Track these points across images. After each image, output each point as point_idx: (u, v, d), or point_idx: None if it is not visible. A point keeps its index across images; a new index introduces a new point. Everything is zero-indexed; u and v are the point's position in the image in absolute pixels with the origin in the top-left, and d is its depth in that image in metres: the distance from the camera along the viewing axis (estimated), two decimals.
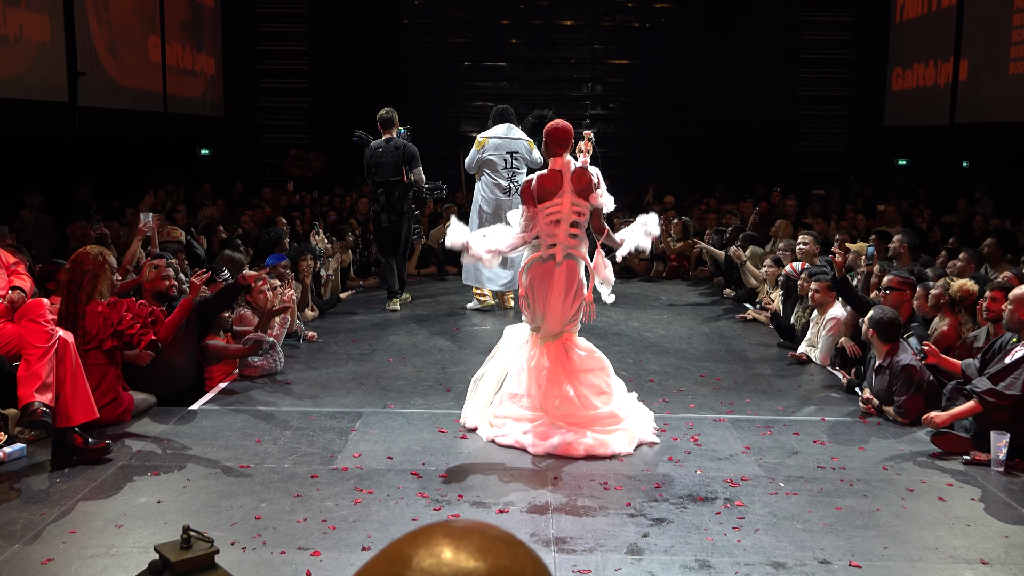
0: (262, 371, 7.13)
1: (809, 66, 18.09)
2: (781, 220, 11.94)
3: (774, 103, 17.92)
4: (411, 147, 9.98)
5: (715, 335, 9.01)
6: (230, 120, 17.16)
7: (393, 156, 9.94)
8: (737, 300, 10.60)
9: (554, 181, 5.78)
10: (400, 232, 10.15)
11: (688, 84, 17.95)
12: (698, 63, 17.82)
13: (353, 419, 6.12)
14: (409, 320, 9.53)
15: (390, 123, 10.10)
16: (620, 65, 18.47)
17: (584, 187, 5.79)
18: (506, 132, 10.27)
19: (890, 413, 6.24)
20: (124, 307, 5.88)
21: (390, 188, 9.98)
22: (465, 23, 18.24)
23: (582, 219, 5.82)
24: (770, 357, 8.10)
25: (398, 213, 10.05)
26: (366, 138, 10.31)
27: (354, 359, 7.83)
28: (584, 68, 18.41)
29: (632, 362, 7.81)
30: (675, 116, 18.24)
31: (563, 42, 18.36)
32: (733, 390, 7.02)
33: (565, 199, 5.77)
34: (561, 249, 5.79)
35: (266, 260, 8.69)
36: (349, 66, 17.85)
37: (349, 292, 9.79)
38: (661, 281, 12.36)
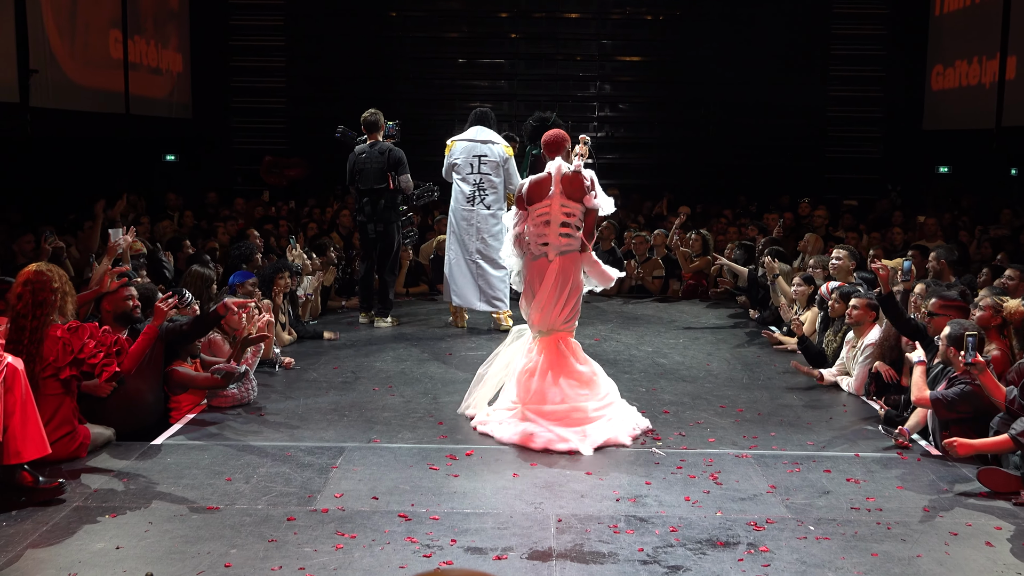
0: (233, 401, 7.12)
1: (840, 63, 18.17)
2: (810, 233, 11.96)
3: (801, 104, 18.00)
4: (397, 152, 10.05)
5: (737, 361, 9.01)
6: (199, 123, 17.20)
7: (378, 162, 10.00)
8: (762, 322, 10.60)
9: (544, 184, 6.81)
10: (389, 244, 10.21)
11: (706, 84, 18.03)
12: (717, 60, 17.90)
13: (334, 455, 6.11)
14: (397, 344, 9.53)
15: (375, 126, 10.15)
16: (631, 62, 18.55)
17: (574, 189, 6.74)
18: (476, 135, 10.35)
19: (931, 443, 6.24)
20: (87, 333, 5.86)
21: (375, 196, 10.04)
22: (460, 16, 18.33)
23: (572, 220, 6.78)
24: (798, 386, 8.09)
25: (385, 223, 10.11)
26: (350, 135, 10.36)
27: (336, 388, 7.82)
28: (591, 66, 18.49)
29: (645, 391, 7.80)
30: (691, 119, 18.31)
31: (568, 37, 18.44)
32: (757, 422, 7.01)
33: (554, 201, 6.75)
34: (553, 248, 6.77)
35: (230, 278, 8.69)
36: (332, 64, 17.93)
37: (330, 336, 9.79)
38: (677, 301, 12.36)
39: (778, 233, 12.18)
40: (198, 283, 8.22)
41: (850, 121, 18.26)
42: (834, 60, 18.14)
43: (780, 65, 17.78)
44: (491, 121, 10.52)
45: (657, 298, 12.51)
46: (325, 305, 11.06)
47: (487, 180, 10.20)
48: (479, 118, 10.49)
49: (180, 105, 16.66)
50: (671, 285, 12.74)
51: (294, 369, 8.38)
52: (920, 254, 9.64)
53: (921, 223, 12.65)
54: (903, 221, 13.38)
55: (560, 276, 6.75)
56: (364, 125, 10.21)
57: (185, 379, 6.90)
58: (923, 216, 13.17)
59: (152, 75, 15.39)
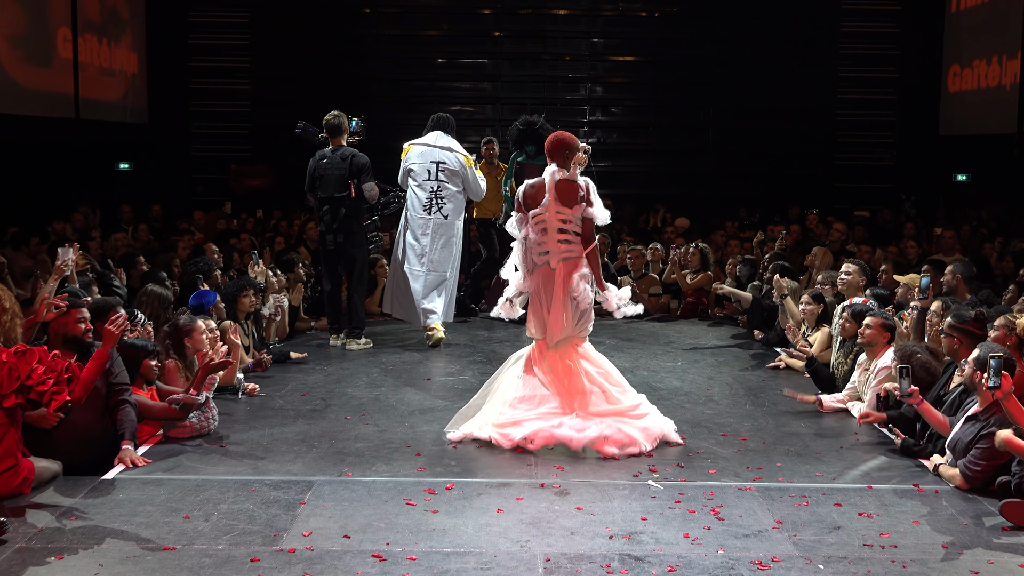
0: (192, 432, 7.09)
1: (850, 63, 18.30)
2: (819, 247, 12.00)
3: (808, 108, 18.10)
4: (361, 158, 10.12)
5: (740, 386, 9.02)
6: (155, 128, 17.20)
7: (339, 168, 10.06)
8: (767, 344, 10.62)
9: (539, 190, 7.28)
10: (352, 257, 10.26)
11: (705, 85, 18.13)
12: (717, 60, 18.01)
13: (302, 490, 6.08)
14: (371, 369, 9.51)
15: (338, 130, 10.21)
16: (624, 62, 18.64)
17: (569, 197, 7.19)
18: (435, 140, 10.52)
19: (947, 474, 6.25)
20: (35, 358, 5.82)
21: (335, 205, 10.11)
22: (439, 12, 18.39)
23: (569, 226, 7.21)
24: (806, 412, 8.10)
25: (345, 233, 10.15)
26: (312, 131, 10.38)
27: (304, 417, 7.79)
28: (581, 66, 18.57)
29: None
30: (690, 123, 18.40)
31: (556, 35, 18.52)
32: (762, 452, 7.02)
33: (549, 208, 7.20)
34: (554, 255, 7.25)
35: (190, 299, 8.66)
36: (299, 64, 17.95)
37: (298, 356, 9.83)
38: (675, 321, 12.38)
39: (780, 246, 12.21)
40: (154, 304, 8.20)
41: (860, 126, 18.37)
42: (843, 60, 18.26)
43: (785, 65, 17.89)
44: (450, 127, 10.68)
45: (654, 317, 12.53)
46: (293, 326, 11.03)
47: (444, 188, 10.37)
48: (438, 123, 10.67)
49: (135, 109, 16.66)
50: (669, 303, 12.76)
51: (259, 396, 8.35)
52: (936, 269, 9.66)
53: (937, 235, 12.71)
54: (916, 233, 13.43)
55: (567, 282, 7.23)
56: (326, 128, 10.25)
57: (140, 408, 6.86)
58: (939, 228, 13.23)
59: (104, 76, 15.39)
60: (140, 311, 7.80)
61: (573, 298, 7.22)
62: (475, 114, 18.49)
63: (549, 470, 6.53)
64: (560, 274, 7.24)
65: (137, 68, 16.68)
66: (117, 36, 15.81)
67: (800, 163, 18.09)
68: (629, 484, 6.29)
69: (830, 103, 18.28)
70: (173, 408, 6.90)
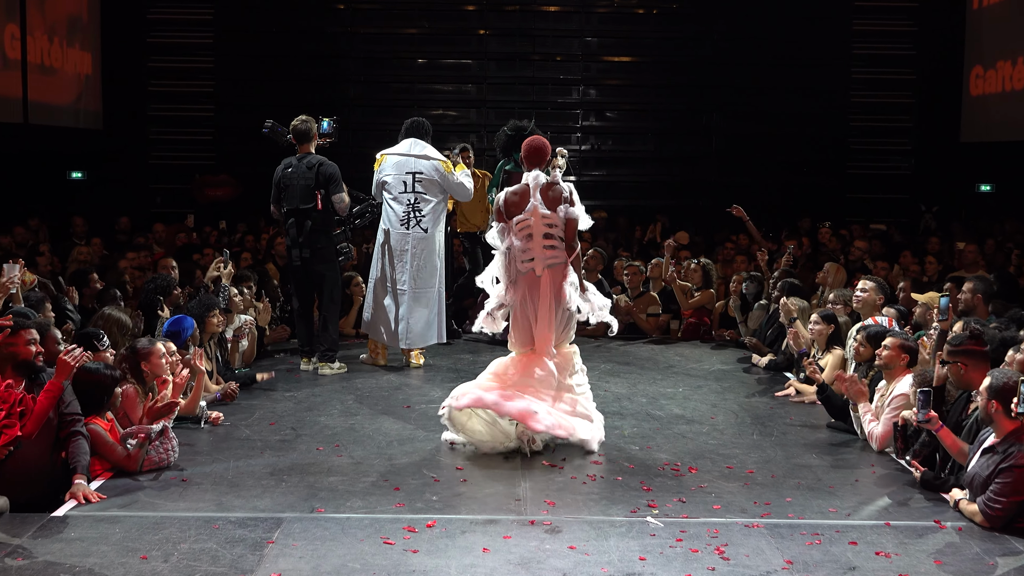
0: (150, 464, 7.07)
1: (864, 65, 18.38)
2: (831, 263, 12.04)
3: (819, 112, 18.17)
4: (329, 167, 10.13)
5: (746, 413, 9.04)
6: (111, 134, 17.18)
7: (306, 178, 10.09)
8: (774, 368, 10.64)
9: (522, 195, 7.77)
10: (320, 275, 10.29)
11: (708, 88, 18.19)
12: (721, 61, 18.07)
13: (271, 527, 6.07)
14: (345, 396, 9.50)
15: (306, 136, 10.24)
16: (619, 63, 18.70)
17: (552, 200, 7.70)
18: (409, 148, 10.54)
19: (967, 510, 6.26)
20: None
21: (301, 217, 10.13)
22: (419, 8, 18.42)
23: (555, 231, 7.71)
24: (818, 443, 8.12)
25: (312, 248, 10.15)
26: (280, 131, 10.38)
27: (272, 448, 7.78)
28: (574, 67, 18.63)
29: (638, 449, 7.81)
30: (691, 129, 18.46)
31: (546, 34, 18.58)
32: (770, 486, 7.02)
33: (534, 213, 7.69)
34: (539, 261, 7.70)
35: (166, 325, 8.64)
36: (268, 64, 17.96)
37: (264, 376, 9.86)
38: (676, 343, 12.40)
39: (787, 262, 12.23)
40: (114, 331, 8.16)
41: (876, 132, 18.44)
42: (857, 61, 18.35)
43: (794, 66, 17.96)
44: (425, 132, 10.70)
45: (652, 339, 12.54)
46: (261, 348, 11.02)
47: (422, 200, 10.41)
48: (412, 129, 10.68)
49: (89, 113, 16.64)
50: (669, 323, 12.78)
51: (223, 425, 8.33)
52: (957, 287, 9.68)
53: (960, 250, 12.75)
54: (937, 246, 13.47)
55: (552, 289, 7.72)
56: (294, 134, 10.26)
57: (97, 442, 6.83)
58: (962, 242, 13.27)
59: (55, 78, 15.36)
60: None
61: (568, 307, 7.75)
62: (458, 119, 18.53)
63: (539, 505, 6.53)
64: (546, 281, 7.71)
65: (91, 69, 16.67)
66: (70, 34, 15.80)
67: (810, 172, 18.15)
68: (626, 521, 6.29)
69: (842, 107, 18.35)
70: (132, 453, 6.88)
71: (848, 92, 18.35)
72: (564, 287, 7.74)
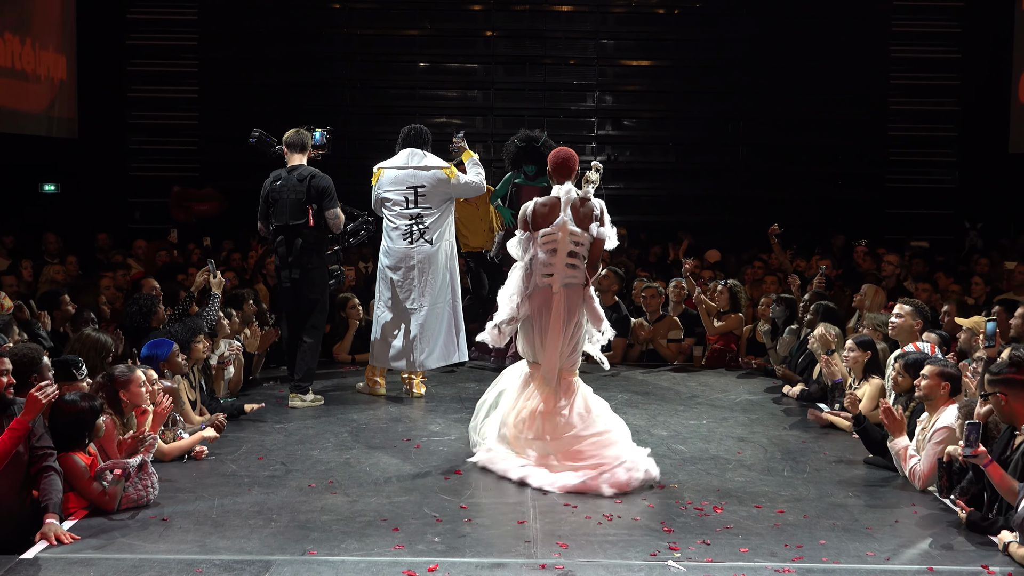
0: (128, 503, 7.07)
1: (904, 68, 18.39)
2: (868, 285, 12.00)
3: (856, 120, 18.17)
4: (322, 179, 10.09)
5: (776, 448, 9.01)
6: (87, 144, 17.23)
7: (296, 191, 10.05)
8: (807, 399, 10.62)
9: (552, 208, 8.00)
10: (311, 297, 10.25)
11: (734, 94, 18.22)
12: (748, 65, 18.10)
13: (258, 571, 6.06)
14: (340, 428, 9.50)
15: (299, 147, 10.22)
16: (638, 67, 18.74)
17: (583, 218, 7.96)
18: (407, 160, 10.56)
19: (1018, 554, 6.25)
20: None
21: (292, 235, 10.10)
22: (421, 8, 18.45)
23: (580, 250, 7.98)
24: (855, 480, 8.10)
25: (303, 269, 10.13)
26: (269, 141, 10.38)
27: (260, 485, 7.77)
28: (588, 71, 18.67)
29: (659, 487, 7.79)
30: (716, 139, 18.46)
31: (558, 35, 18.63)
32: (802, 527, 7.00)
33: (563, 228, 7.93)
34: (558, 279, 7.93)
35: (143, 350, 8.65)
36: (257, 69, 18.02)
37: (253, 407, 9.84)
38: (699, 371, 12.38)
39: (819, 283, 12.19)
40: (91, 353, 8.17)
41: (917, 142, 18.43)
42: (896, 64, 18.36)
43: (828, 71, 17.98)
44: (424, 140, 10.72)
45: (674, 367, 12.53)
46: (248, 378, 11.03)
47: (427, 213, 10.45)
48: (409, 139, 10.71)
49: (63, 121, 16.69)
50: (692, 350, 12.77)
51: (207, 459, 8.33)
52: (1006, 311, 9.66)
53: (1008, 271, 12.72)
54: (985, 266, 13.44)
55: (566, 309, 7.97)
56: (287, 146, 10.24)
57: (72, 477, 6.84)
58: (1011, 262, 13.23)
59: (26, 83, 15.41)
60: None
61: (581, 331, 8.10)
62: (463, 127, 18.52)
63: (550, 548, 6.52)
64: (560, 299, 7.95)
65: (66, 73, 16.73)
66: (43, 35, 15.86)
67: (845, 185, 18.15)
68: (645, 565, 6.27)
69: (881, 115, 18.36)
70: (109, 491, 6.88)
71: (887, 99, 18.35)
72: (581, 309, 8.03)
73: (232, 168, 17.00)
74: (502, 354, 11.67)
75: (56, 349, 8.83)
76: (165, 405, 7.70)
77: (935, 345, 8.96)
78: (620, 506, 7.32)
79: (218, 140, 17.78)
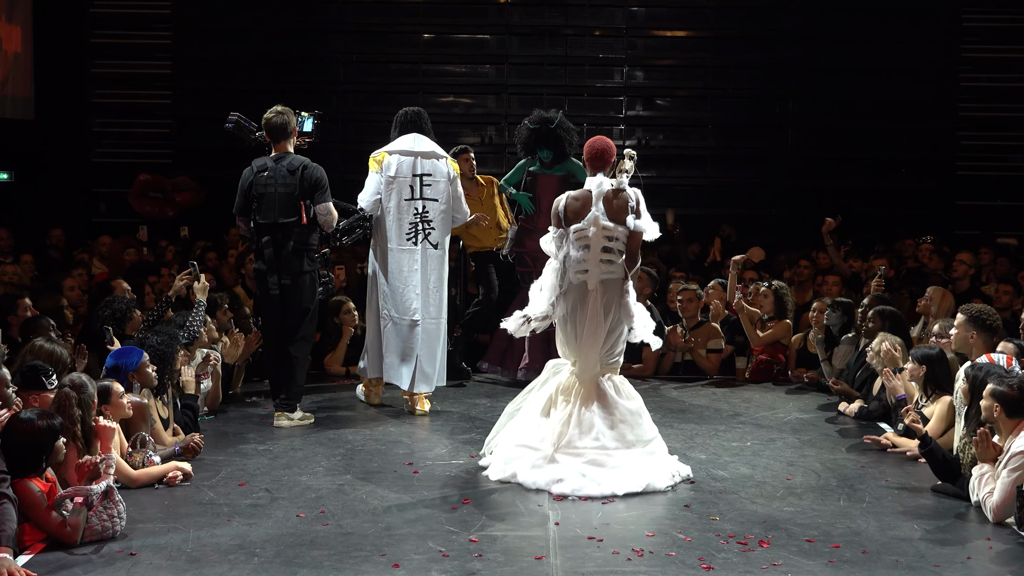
0: (92, 535, 7.08)
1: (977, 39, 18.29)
2: (934, 288, 11.96)
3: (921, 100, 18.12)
4: (315, 170, 10.04)
5: (831, 473, 9.00)
6: (44, 126, 17.25)
7: (286, 184, 9.99)
8: (866, 417, 10.60)
9: (584, 202, 8.49)
10: (300, 306, 10.21)
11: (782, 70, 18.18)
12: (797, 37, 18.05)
13: None
14: (332, 451, 9.51)
15: (283, 132, 10.14)
16: (673, 39, 18.72)
17: (617, 210, 8.43)
18: (412, 144, 10.62)
19: None
20: None
21: (281, 234, 10.04)
22: None
23: (615, 244, 8.44)
24: (921, 510, 8.08)
25: (293, 274, 10.08)
26: (249, 128, 10.33)
27: (242, 514, 7.78)
28: (616, 44, 18.66)
29: (697, 518, 7.77)
30: (762, 121, 18.43)
31: (581, 2, 18.61)
32: (861, 564, 7.00)
33: (595, 223, 8.41)
34: (593, 276, 8.44)
35: (108, 360, 8.66)
36: (239, 41, 18.03)
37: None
38: (743, 386, 12.37)
39: (878, 286, 12.16)
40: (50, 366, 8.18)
41: (991, 123, 18.39)
42: (967, 35, 18.30)
43: (888, 44, 17.94)
44: (427, 126, 10.80)
45: (714, 380, 12.52)
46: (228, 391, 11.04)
47: (433, 207, 10.50)
48: (411, 123, 10.81)
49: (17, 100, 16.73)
50: (734, 360, 12.75)
51: (181, 486, 8.35)
52: None
53: None
54: None
55: (603, 305, 8.51)
56: (267, 129, 10.17)
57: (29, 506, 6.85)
58: None
59: None
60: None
61: (620, 328, 8.61)
62: (473, 108, 18.60)
63: None
64: (598, 296, 8.50)
65: (20, 46, 16.77)
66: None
67: (909, 173, 18.11)
68: None
69: (950, 93, 18.31)
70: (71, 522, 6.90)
71: (957, 75, 18.30)
72: (620, 304, 8.55)
73: (210, 154, 17.04)
74: (513, 366, 11.72)
75: (10, 358, 8.81)
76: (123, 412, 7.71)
77: (1012, 356, 8.91)
78: (652, 540, 7.31)
79: (194, 122, 17.81)
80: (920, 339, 10.86)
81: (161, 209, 17.12)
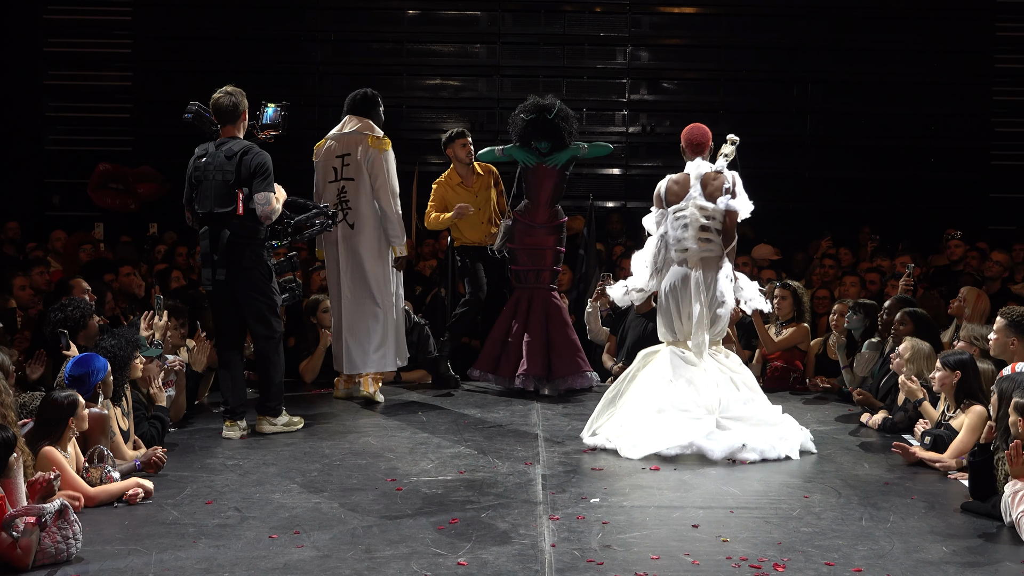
0: (44, 557, 7.09)
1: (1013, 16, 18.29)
2: (968, 288, 11.96)
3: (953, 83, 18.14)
4: (258, 155, 9.98)
5: (852, 490, 9.02)
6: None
7: (224, 171, 9.98)
8: (891, 429, 10.62)
9: (683, 184, 10.08)
10: (244, 302, 10.22)
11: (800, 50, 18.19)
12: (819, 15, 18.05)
13: None
14: (307, 464, 9.52)
15: (230, 115, 10.15)
16: (680, 15, 18.71)
17: (714, 191, 9.94)
18: (340, 128, 11.26)
19: None
20: None
21: (217, 224, 10.05)
22: None
23: (713, 223, 9.91)
24: (950, 530, 8.09)
25: (230, 267, 10.05)
26: (210, 118, 10.33)
27: (209, 535, 7.79)
28: (618, 21, 18.66)
29: (708, 540, 7.78)
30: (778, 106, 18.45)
31: None
32: None
33: (693, 203, 9.91)
34: (693, 255, 9.94)
35: (68, 366, 8.67)
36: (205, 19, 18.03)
37: None
38: None
39: (906, 287, 12.16)
40: None
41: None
42: (1001, 10, 18.28)
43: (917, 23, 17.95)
44: (367, 106, 11.30)
45: None
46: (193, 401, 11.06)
47: (351, 187, 11.08)
48: (353, 104, 11.37)
49: None
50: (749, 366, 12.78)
51: (142, 504, 8.36)
52: None
53: None
54: None
55: (704, 282, 9.93)
56: (214, 111, 10.20)
57: None
58: None
59: None
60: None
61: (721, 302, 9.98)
62: (462, 91, 18.60)
63: None
64: (698, 274, 9.95)
65: None
66: None
67: (939, 163, 18.13)
68: None
69: (984, 77, 18.32)
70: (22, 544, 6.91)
71: (991, 56, 18.32)
72: (718, 281, 9.94)
73: (174, 141, 17.01)
74: (509, 373, 11.76)
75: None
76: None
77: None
78: (657, 563, 7.31)
79: (156, 106, 17.80)
80: (952, 344, 10.86)
81: (123, 202, 17.10)
